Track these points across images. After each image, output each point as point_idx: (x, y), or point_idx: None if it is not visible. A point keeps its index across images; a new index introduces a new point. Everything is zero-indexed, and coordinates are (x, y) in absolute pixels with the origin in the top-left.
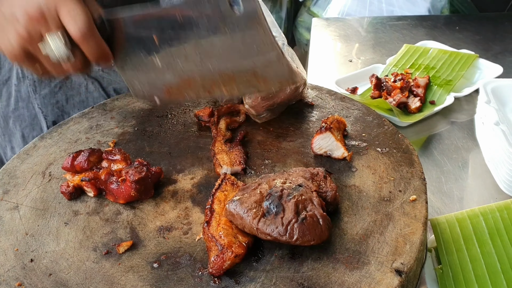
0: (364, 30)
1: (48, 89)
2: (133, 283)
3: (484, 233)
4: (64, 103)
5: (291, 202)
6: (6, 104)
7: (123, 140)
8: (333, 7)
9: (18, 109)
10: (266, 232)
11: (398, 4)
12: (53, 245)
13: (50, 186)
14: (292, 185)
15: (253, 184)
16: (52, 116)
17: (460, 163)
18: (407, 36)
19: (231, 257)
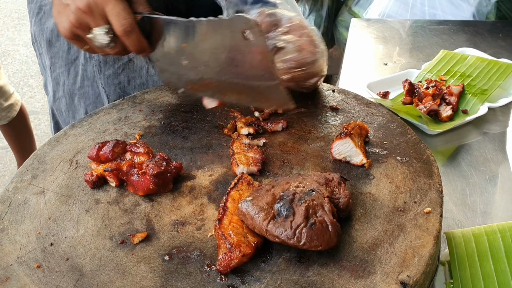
0: (402, 33)
1: (112, 70)
2: (143, 273)
3: (500, 251)
4: (125, 84)
5: (302, 206)
6: (72, 82)
7: (149, 133)
8: (374, 7)
9: (83, 87)
10: (274, 234)
11: (441, 7)
12: (72, 231)
13: (76, 173)
14: (305, 189)
15: (267, 185)
16: (114, 96)
17: (488, 176)
18: (446, 42)
19: (238, 256)
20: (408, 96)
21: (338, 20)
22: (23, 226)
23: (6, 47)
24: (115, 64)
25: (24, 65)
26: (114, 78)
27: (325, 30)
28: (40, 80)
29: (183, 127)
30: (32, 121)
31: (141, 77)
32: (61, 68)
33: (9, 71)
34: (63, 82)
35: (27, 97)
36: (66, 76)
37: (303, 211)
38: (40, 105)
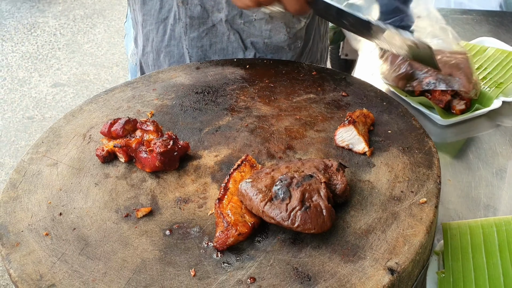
0: None
1: (197, 33)
2: (144, 246)
3: (493, 244)
4: (207, 48)
5: (299, 190)
6: (160, 39)
7: (161, 112)
8: None
9: (169, 46)
10: (270, 215)
11: None
12: (81, 203)
13: (88, 148)
14: (303, 174)
15: (267, 168)
16: (196, 57)
17: (495, 170)
18: (468, 32)
19: (234, 235)
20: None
21: None
22: (36, 196)
23: (36, 19)
24: (200, 28)
25: (53, 37)
26: (198, 41)
27: None
28: (68, 53)
29: (193, 107)
30: (57, 93)
31: (222, 43)
32: (152, 26)
33: (38, 42)
34: (152, 38)
35: (54, 69)
36: (155, 33)
37: (299, 195)
38: (66, 78)
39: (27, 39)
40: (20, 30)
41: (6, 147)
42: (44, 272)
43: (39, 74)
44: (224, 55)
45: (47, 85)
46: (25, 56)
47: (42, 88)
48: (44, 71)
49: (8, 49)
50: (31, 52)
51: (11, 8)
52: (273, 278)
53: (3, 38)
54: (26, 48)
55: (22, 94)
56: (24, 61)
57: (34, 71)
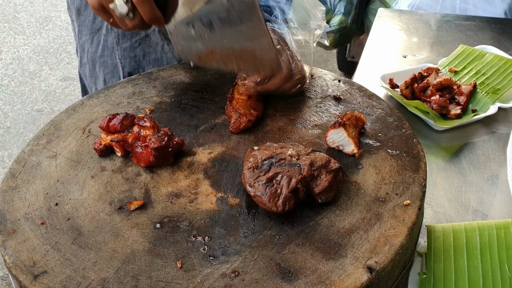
0: (427, 26)
1: (129, 43)
2: (135, 238)
3: (475, 247)
4: (141, 58)
5: (277, 170)
6: (95, 50)
7: (159, 109)
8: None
9: (103, 56)
10: (245, 176)
11: (473, 2)
12: (77, 194)
13: (87, 141)
14: (293, 160)
15: (279, 144)
16: (129, 68)
17: (486, 176)
18: (470, 38)
19: (245, 121)
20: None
21: (369, 8)
22: (34, 186)
23: (48, 13)
24: (132, 38)
25: (64, 31)
26: (130, 51)
27: (355, 17)
28: None
29: (191, 105)
30: (67, 86)
31: (156, 53)
32: (86, 36)
33: (50, 36)
34: (87, 49)
35: (65, 63)
36: (90, 44)
37: (273, 174)
38: (76, 72)
39: (39, 33)
40: (32, 24)
41: (14, 139)
42: (37, 259)
43: (50, 68)
44: (158, 65)
45: (57, 79)
46: (36, 50)
47: (52, 82)
48: (54, 65)
49: (20, 42)
50: (43, 45)
51: (24, 1)
52: (256, 273)
53: (16, 31)
54: (37, 41)
55: (32, 87)
56: (35, 54)
57: (45, 65)
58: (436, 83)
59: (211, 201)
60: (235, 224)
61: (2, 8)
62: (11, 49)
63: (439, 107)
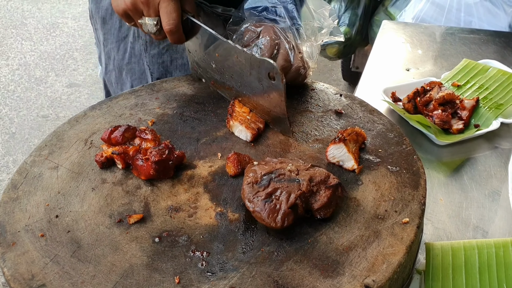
0: (431, 39)
1: (157, 50)
2: (133, 252)
3: (474, 266)
4: (168, 64)
5: (276, 185)
6: (121, 57)
7: (161, 121)
8: (409, 10)
9: (130, 63)
10: (245, 192)
11: (478, 15)
12: (77, 206)
13: (88, 153)
14: (292, 175)
15: (278, 159)
16: (157, 74)
17: (487, 192)
18: (474, 52)
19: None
20: (409, 103)
21: (374, 19)
22: (35, 197)
23: (55, 19)
24: (160, 45)
25: (71, 38)
26: (158, 58)
27: (359, 28)
28: (85, 54)
29: (193, 117)
30: (72, 93)
31: (183, 58)
32: (112, 44)
33: (56, 43)
34: (114, 57)
35: (71, 69)
36: (116, 51)
37: (272, 189)
38: (82, 78)
39: (46, 39)
40: (39, 30)
41: (19, 144)
42: (36, 272)
43: (56, 74)
44: (185, 70)
45: (62, 85)
46: (43, 56)
47: (57, 88)
48: (60, 71)
49: (27, 48)
50: (49, 52)
51: (32, 8)
52: None
53: (23, 37)
54: (44, 47)
55: (38, 93)
56: (42, 60)
57: (51, 71)
58: (439, 97)
59: (210, 216)
60: (233, 240)
61: (10, 14)
62: (18, 55)
63: (441, 121)
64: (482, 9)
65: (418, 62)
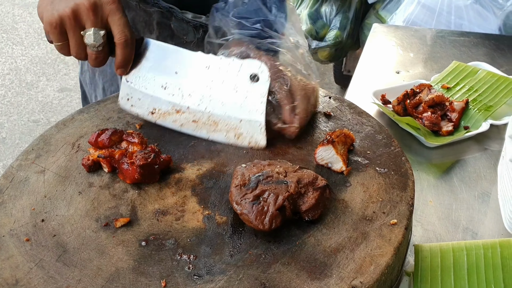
0: (421, 42)
1: None
2: (120, 255)
3: (463, 268)
4: None
5: (263, 188)
6: None
7: (149, 124)
8: (400, 13)
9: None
10: (233, 194)
11: (468, 17)
12: (64, 210)
13: (76, 157)
14: (280, 177)
15: (266, 161)
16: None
17: (477, 193)
18: (464, 54)
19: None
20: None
21: (365, 22)
22: (20, 202)
23: None
24: None
25: None
26: None
27: (351, 31)
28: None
29: None
30: (64, 98)
31: None
32: None
33: (47, 47)
34: None
35: (62, 74)
36: None
37: (259, 191)
38: (73, 83)
39: (37, 44)
40: (30, 34)
41: (10, 149)
42: (20, 277)
43: (47, 79)
44: None
45: (54, 90)
46: (34, 60)
47: (48, 92)
48: (51, 76)
49: (18, 52)
50: (40, 56)
51: (23, 12)
52: None
53: (14, 42)
54: (35, 52)
55: (29, 98)
56: (33, 65)
57: (42, 75)
58: (428, 99)
59: (197, 219)
60: (221, 243)
61: (0, 18)
62: (8, 60)
63: (431, 123)
64: (472, 12)
65: (408, 64)
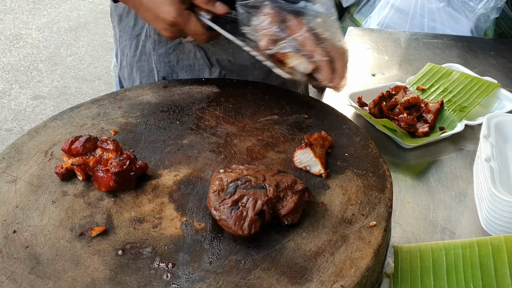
0: (396, 45)
1: (164, 49)
2: (96, 265)
3: (442, 268)
4: (174, 64)
5: (242, 192)
6: (133, 55)
7: (124, 130)
8: (374, 17)
9: (140, 61)
10: (211, 200)
11: (441, 20)
12: (37, 220)
13: (49, 165)
14: (259, 182)
15: (244, 167)
16: (163, 72)
17: (454, 193)
18: (438, 56)
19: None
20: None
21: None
22: None
23: (19, 30)
24: (167, 44)
25: (35, 49)
26: (165, 57)
27: None
28: (50, 65)
29: (158, 126)
30: (37, 105)
31: (189, 59)
32: (126, 41)
33: (20, 54)
34: (127, 53)
35: (35, 81)
36: (129, 49)
37: (238, 196)
38: (47, 90)
39: (9, 51)
40: (2, 41)
41: None
42: None
43: (20, 86)
44: (191, 71)
45: (27, 97)
46: (6, 68)
47: (22, 100)
48: (25, 83)
49: None
50: (13, 63)
51: None
52: None
53: None
54: (7, 59)
55: (1, 106)
56: (5, 72)
57: (15, 83)
58: (404, 101)
59: (175, 226)
60: (199, 250)
61: None
62: None
63: (406, 125)
64: (444, 15)
65: (383, 67)
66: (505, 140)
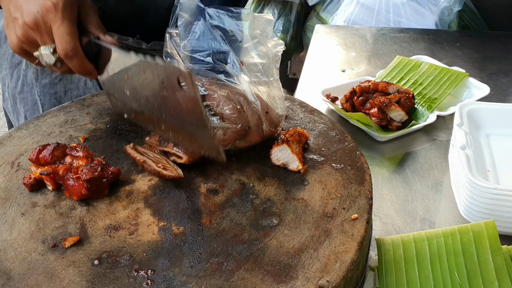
0: (363, 40)
1: (49, 80)
2: (71, 277)
3: (425, 257)
4: (62, 95)
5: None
6: (14, 85)
7: (94, 136)
8: (340, 14)
9: (23, 92)
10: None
11: (406, 15)
12: (5, 234)
13: (16, 176)
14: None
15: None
16: (49, 106)
17: (430, 183)
18: (405, 50)
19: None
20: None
21: (307, 25)
22: None
23: None
24: (52, 74)
25: None
26: (51, 88)
27: (294, 34)
28: None
29: (128, 130)
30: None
31: (79, 89)
32: (6, 70)
33: None
34: (8, 84)
35: None
36: (9, 78)
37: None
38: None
39: None
40: None
41: None
42: None
43: None
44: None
45: None
46: None
47: None
48: None
49: None
50: None
51: None
52: None
53: None
54: None
55: None
56: None
57: None
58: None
59: (153, 232)
60: (179, 254)
61: None
62: None
63: (378, 119)
64: (409, 9)
65: (352, 63)
66: (477, 127)
